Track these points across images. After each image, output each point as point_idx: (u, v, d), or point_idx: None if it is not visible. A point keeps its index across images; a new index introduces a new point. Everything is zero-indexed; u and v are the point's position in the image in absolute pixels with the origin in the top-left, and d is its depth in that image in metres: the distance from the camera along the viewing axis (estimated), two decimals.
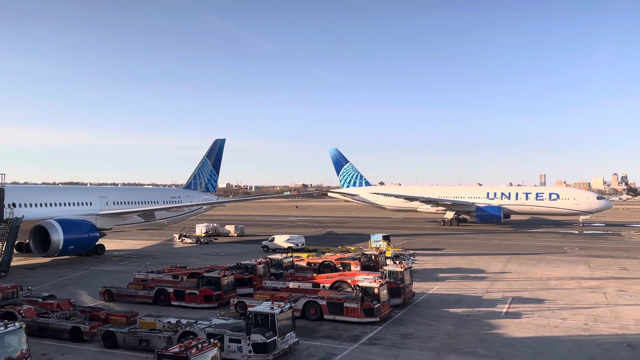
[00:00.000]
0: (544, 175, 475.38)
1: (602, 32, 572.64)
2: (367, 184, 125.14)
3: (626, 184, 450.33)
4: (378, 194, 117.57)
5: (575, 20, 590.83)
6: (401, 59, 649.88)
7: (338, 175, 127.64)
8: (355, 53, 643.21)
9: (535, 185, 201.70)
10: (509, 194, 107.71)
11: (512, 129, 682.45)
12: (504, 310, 33.87)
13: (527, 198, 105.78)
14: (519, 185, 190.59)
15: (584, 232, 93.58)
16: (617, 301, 36.28)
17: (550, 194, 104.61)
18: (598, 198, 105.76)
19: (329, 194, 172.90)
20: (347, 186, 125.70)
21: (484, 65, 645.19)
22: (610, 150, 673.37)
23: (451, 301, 36.38)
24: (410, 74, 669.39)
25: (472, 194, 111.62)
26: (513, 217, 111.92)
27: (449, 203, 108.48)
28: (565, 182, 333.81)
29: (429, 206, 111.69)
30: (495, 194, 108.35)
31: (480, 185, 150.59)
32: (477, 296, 38.14)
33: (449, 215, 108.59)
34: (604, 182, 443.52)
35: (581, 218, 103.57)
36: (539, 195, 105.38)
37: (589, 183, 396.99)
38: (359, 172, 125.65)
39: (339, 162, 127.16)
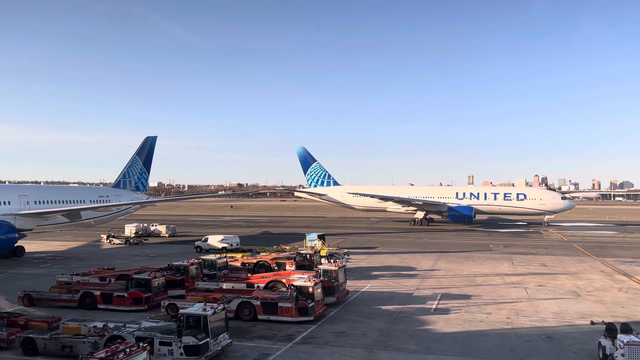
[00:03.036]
0: (472, 177, 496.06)
1: (522, 37, 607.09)
2: (335, 183, 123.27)
3: (546, 184, 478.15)
4: (355, 194, 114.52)
5: (497, 34, 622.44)
6: (338, 64, 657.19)
7: (305, 174, 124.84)
8: (290, 56, 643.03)
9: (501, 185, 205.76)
10: (477, 194, 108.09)
11: (440, 133, 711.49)
12: (434, 306, 35.02)
13: (495, 198, 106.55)
14: (448, 185, 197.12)
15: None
16: (536, 296, 38.43)
17: (517, 194, 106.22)
18: (562, 198, 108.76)
19: (296, 193, 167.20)
20: (315, 185, 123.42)
21: (414, 77, 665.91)
22: (531, 153, 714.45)
23: (383, 299, 37.18)
24: (344, 78, 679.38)
25: (441, 194, 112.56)
26: (478, 217, 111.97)
27: (421, 203, 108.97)
28: (491, 183, 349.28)
29: (399, 206, 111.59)
30: (464, 194, 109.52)
31: (411, 185, 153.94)
32: (408, 293, 39.20)
33: (420, 215, 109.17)
34: (527, 183, 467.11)
35: (546, 218, 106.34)
36: (506, 195, 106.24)
37: (513, 183, 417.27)
38: (327, 172, 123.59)
39: (307, 160, 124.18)
